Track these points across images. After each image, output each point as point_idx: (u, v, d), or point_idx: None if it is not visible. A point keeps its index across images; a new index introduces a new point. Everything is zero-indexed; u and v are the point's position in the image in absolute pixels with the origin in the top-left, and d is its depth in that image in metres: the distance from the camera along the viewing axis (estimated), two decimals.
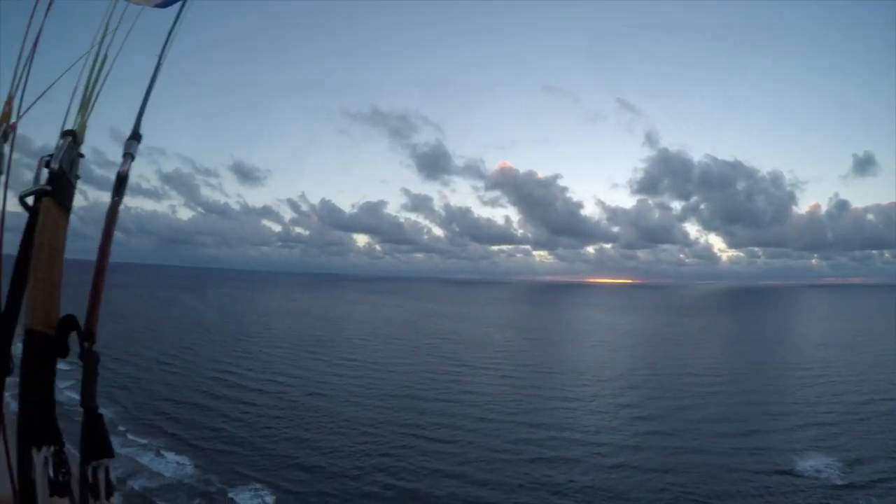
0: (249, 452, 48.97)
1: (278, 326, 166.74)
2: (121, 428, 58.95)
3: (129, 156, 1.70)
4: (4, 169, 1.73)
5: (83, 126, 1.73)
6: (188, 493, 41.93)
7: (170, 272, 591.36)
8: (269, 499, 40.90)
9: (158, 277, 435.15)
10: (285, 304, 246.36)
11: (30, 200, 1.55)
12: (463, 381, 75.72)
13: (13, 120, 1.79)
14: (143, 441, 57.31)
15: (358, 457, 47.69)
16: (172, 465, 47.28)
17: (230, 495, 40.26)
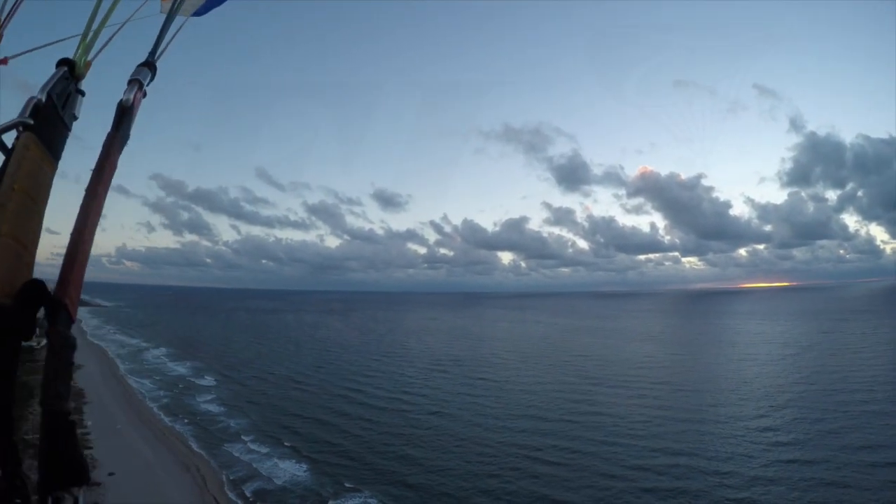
0: (362, 467, 50.61)
1: (415, 345, 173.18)
2: (244, 437, 64.92)
3: (135, 83, 1.41)
4: None
5: (85, 60, 1.45)
6: (298, 499, 44.51)
7: (318, 297, 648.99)
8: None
9: (307, 303, 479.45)
10: (426, 324, 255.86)
11: (9, 141, 1.27)
12: (593, 400, 71.55)
13: (4, 55, 1.55)
14: (265, 450, 61.93)
15: (467, 478, 46.94)
16: (288, 473, 50.54)
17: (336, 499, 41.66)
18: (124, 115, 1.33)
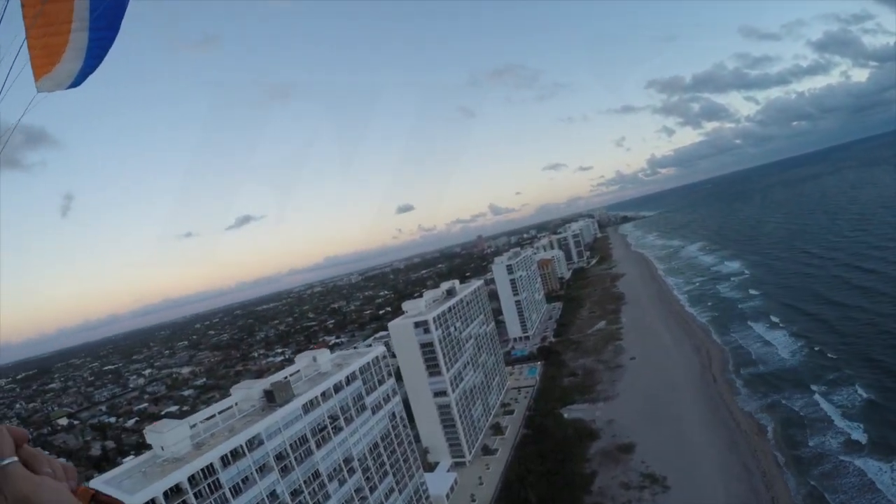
0: (857, 359, 53.97)
1: None
2: (753, 323, 76.93)
3: None
4: None
5: None
6: (785, 388, 53.71)
7: (863, 146, 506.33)
8: (861, 398, 48.36)
9: (849, 158, 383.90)
10: None
11: None
12: None
13: None
14: (769, 336, 71.62)
15: None
16: (784, 359, 59.64)
17: (821, 389, 50.15)
18: None
